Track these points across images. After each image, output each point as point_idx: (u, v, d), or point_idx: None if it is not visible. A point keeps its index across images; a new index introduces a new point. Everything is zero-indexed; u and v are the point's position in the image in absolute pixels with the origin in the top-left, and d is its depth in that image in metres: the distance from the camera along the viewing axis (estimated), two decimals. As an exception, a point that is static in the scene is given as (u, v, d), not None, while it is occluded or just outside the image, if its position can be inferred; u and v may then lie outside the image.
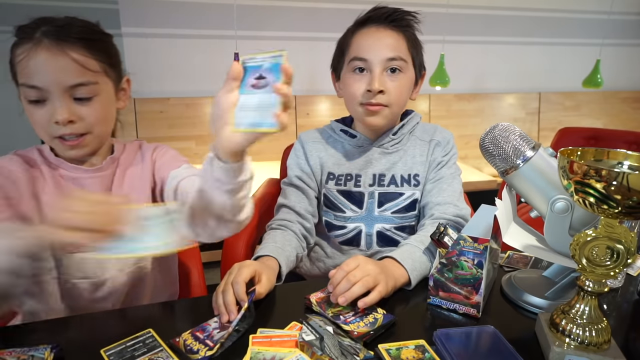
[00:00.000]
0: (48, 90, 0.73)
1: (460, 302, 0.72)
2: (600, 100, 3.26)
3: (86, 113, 0.77)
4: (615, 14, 3.05)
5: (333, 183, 1.03)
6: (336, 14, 2.60)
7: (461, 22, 2.82)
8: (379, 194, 1.01)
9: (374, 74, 0.93)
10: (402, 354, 0.60)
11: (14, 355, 0.58)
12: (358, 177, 1.02)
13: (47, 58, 0.72)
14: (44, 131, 0.76)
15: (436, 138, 1.03)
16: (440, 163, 1.02)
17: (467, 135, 2.97)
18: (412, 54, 0.97)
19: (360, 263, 0.75)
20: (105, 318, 0.74)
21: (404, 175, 1.01)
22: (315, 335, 0.62)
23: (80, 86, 0.75)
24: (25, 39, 0.73)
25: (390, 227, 1.01)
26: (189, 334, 0.65)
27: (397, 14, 0.96)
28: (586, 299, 0.60)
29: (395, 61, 0.94)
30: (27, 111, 0.76)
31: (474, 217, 0.81)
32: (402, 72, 0.95)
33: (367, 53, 0.94)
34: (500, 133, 0.75)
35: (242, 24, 2.40)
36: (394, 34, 0.95)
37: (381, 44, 0.94)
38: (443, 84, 2.42)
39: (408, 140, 1.04)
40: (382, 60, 0.93)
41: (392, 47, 0.94)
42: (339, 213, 1.03)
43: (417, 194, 1.01)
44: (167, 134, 2.49)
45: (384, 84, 0.94)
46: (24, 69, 0.73)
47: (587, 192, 0.54)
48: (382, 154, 1.02)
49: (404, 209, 1.01)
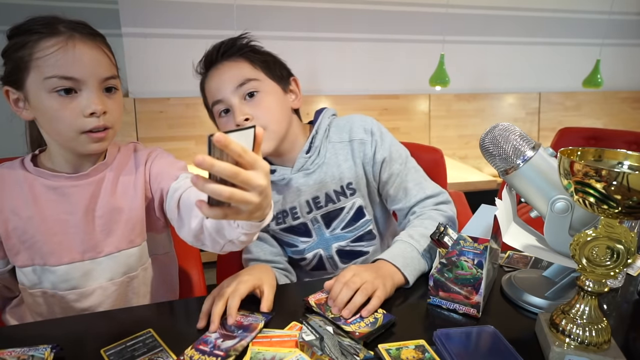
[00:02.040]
0: (84, 81, 0.74)
1: (460, 302, 0.72)
2: (600, 100, 3.26)
3: (113, 106, 0.78)
4: (615, 14, 3.05)
5: (274, 224, 1.00)
6: (336, 14, 2.59)
7: (461, 22, 2.82)
8: (321, 216, 0.98)
9: (234, 108, 0.89)
10: (402, 354, 0.60)
11: (14, 355, 0.58)
12: (293, 210, 0.98)
13: (84, 50, 0.74)
14: (71, 126, 0.75)
15: (356, 136, 0.95)
16: (384, 161, 0.95)
17: (467, 135, 2.97)
18: (262, 70, 0.92)
19: (356, 271, 0.75)
20: (105, 318, 0.74)
21: (337, 188, 0.96)
22: (315, 335, 0.62)
23: (110, 79, 0.78)
24: (48, 33, 0.73)
25: (347, 242, 1.00)
26: (192, 349, 0.62)
27: (225, 47, 0.92)
28: (586, 299, 0.60)
29: (246, 85, 0.89)
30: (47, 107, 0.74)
31: (474, 217, 0.81)
32: (260, 91, 0.90)
33: (217, 94, 0.90)
34: (500, 133, 0.75)
35: (242, 24, 2.39)
36: (232, 64, 0.91)
37: (225, 78, 0.90)
38: (443, 84, 2.42)
39: (325, 149, 0.96)
40: (233, 90, 0.89)
41: (236, 76, 0.89)
42: (293, 248, 1.02)
43: (359, 200, 0.97)
44: (167, 134, 2.49)
45: (246, 112, 0.88)
46: (57, 61, 0.72)
47: (587, 192, 0.54)
48: (307, 176, 0.95)
49: (352, 220, 0.99)
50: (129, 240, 0.85)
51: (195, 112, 2.52)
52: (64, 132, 0.76)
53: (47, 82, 0.73)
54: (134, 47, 2.34)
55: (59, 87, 0.73)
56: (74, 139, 0.76)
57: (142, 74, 2.37)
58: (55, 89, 0.73)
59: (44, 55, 0.72)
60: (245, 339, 0.64)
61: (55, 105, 0.74)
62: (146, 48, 2.38)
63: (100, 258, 0.83)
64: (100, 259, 0.83)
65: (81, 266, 0.82)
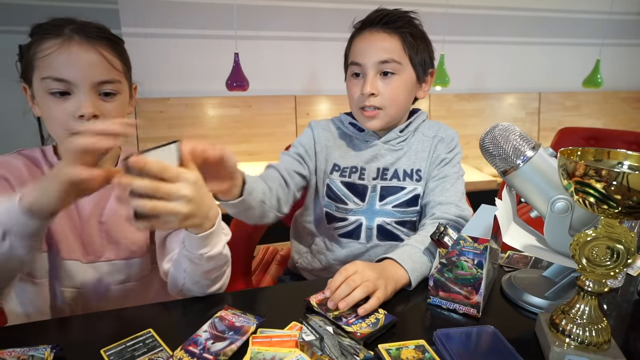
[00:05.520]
0: (76, 84, 0.74)
1: (460, 302, 0.72)
2: (600, 100, 3.26)
3: (109, 110, 0.78)
4: (615, 14, 3.05)
5: (338, 174, 1.03)
6: (336, 14, 2.60)
7: (461, 22, 2.82)
8: (381, 187, 1.01)
9: (367, 78, 0.96)
10: (402, 354, 0.60)
11: (14, 355, 0.58)
12: (363, 170, 1.02)
13: (79, 53, 0.74)
14: (62, 127, 0.76)
15: (440, 134, 1.04)
16: (444, 160, 1.02)
17: (467, 135, 2.97)
18: (409, 55, 0.97)
19: (359, 268, 0.75)
20: (105, 318, 0.74)
21: (407, 169, 1.02)
22: (315, 335, 0.62)
23: (107, 83, 0.77)
24: (52, 34, 0.74)
25: (391, 221, 1.02)
26: (181, 350, 0.61)
27: (390, 17, 0.96)
28: (586, 299, 0.60)
29: (388, 64, 0.95)
30: (44, 106, 0.76)
31: (474, 217, 0.81)
32: (397, 74, 0.96)
33: (361, 57, 0.96)
34: (500, 133, 0.75)
35: (242, 24, 2.40)
36: (387, 36, 0.95)
37: (373, 48, 0.95)
38: (443, 84, 2.43)
39: (413, 136, 1.05)
40: (374, 63, 0.95)
41: (384, 50, 0.95)
42: (341, 205, 1.03)
43: (419, 189, 1.01)
44: (167, 134, 2.49)
45: (376, 87, 0.95)
46: (51, 63, 0.73)
47: (587, 192, 0.54)
48: (388, 150, 1.03)
49: (405, 204, 1.01)
50: (131, 250, 0.86)
51: (195, 112, 2.52)
52: (56, 132, 0.77)
53: (43, 82, 0.74)
54: (133, 47, 2.33)
55: (53, 88, 0.74)
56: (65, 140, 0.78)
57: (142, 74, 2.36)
58: (50, 90, 0.74)
59: (42, 56, 0.73)
60: (236, 342, 0.63)
61: (50, 105, 0.75)
62: (146, 48, 2.38)
63: (99, 262, 0.84)
64: (99, 263, 0.84)
65: (83, 266, 0.83)
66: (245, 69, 2.08)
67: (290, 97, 2.67)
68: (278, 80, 2.64)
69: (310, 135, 1.07)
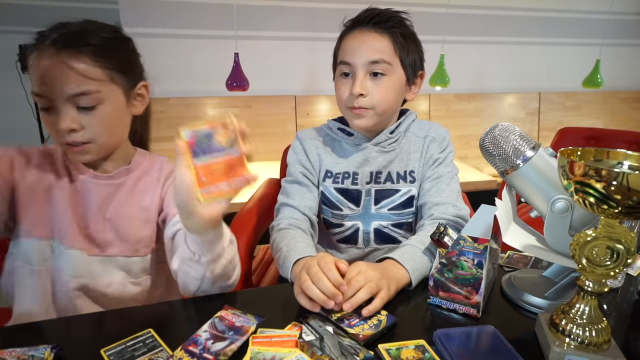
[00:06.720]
0: (52, 98, 0.74)
1: (460, 302, 0.72)
2: (600, 100, 3.26)
3: (89, 122, 0.77)
4: (615, 14, 3.05)
5: (330, 181, 1.03)
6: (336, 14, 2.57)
7: (461, 22, 2.82)
8: (375, 191, 1.01)
9: (356, 78, 0.94)
10: (402, 354, 0.60)
11: (14, 355, 0.58)
12: (355, 175, 1.02)
13: (48, 67, 0.73)
14: (54, 137, 0.78)
15: (431, 134, 1.03)
16: (437, 160, 1.01)
17: (467, 135, 2.97)
18: (400, 56, 0.96)
19: (362, 269, 0.74)
20: (105, 318, 0.74)
21: (400, 172, 1.02)
22: (315, 335, 0.62)
23: (81, 95, 0.75)
24: (34, 47, 0.74)
25: (387, 224, 1.02)
26: (181, 350, 0.61)
27: (381, 16, 0.95)
28: (586, 299, 0.60)
29: (378, 64, 0.94)
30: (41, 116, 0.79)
31: (474, 217, 0.81)
32: (387, 75, 0.95)
33: (351, 57, 0.95)
34: (500, 133, 0.75)
35: (242, 24, 2.40)
36: (378, 36, 0.94)
37: (364, 48, 0.94)
38: (443, 84, 2.43)
39: (404, 137, 1.04)
40: (364, 63, 0.94)
41: (375, 50, 0.94)
42: (336, 211, 1.03)
43: (414, 190, 1.01)
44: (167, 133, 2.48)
45: (365, 88, 0.94)
46: (32, 77, 0.74)
47: (587, 192, 0.54)
48: (379, 153, 1.02)
49: (401, 206, 1.01)
50: (135, 249, 0.86)
51: (195, 112, 2.52)
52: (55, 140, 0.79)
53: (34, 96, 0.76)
54: (133, 47, 2.34)
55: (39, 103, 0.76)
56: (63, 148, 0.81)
57: (142, 74, 2.37)
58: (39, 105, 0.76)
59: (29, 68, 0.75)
60: (236, 342, 0.63)
61: (43, 119, 0.78)
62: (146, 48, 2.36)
63: (103, 257, 0.84)
64: (102, 257, 0.84)
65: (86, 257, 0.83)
66: (245, 69, 2.09)
67: (290, 97, 2.67)
68: (278, 80, 2.64)
69: (300, 149, 1.05)
